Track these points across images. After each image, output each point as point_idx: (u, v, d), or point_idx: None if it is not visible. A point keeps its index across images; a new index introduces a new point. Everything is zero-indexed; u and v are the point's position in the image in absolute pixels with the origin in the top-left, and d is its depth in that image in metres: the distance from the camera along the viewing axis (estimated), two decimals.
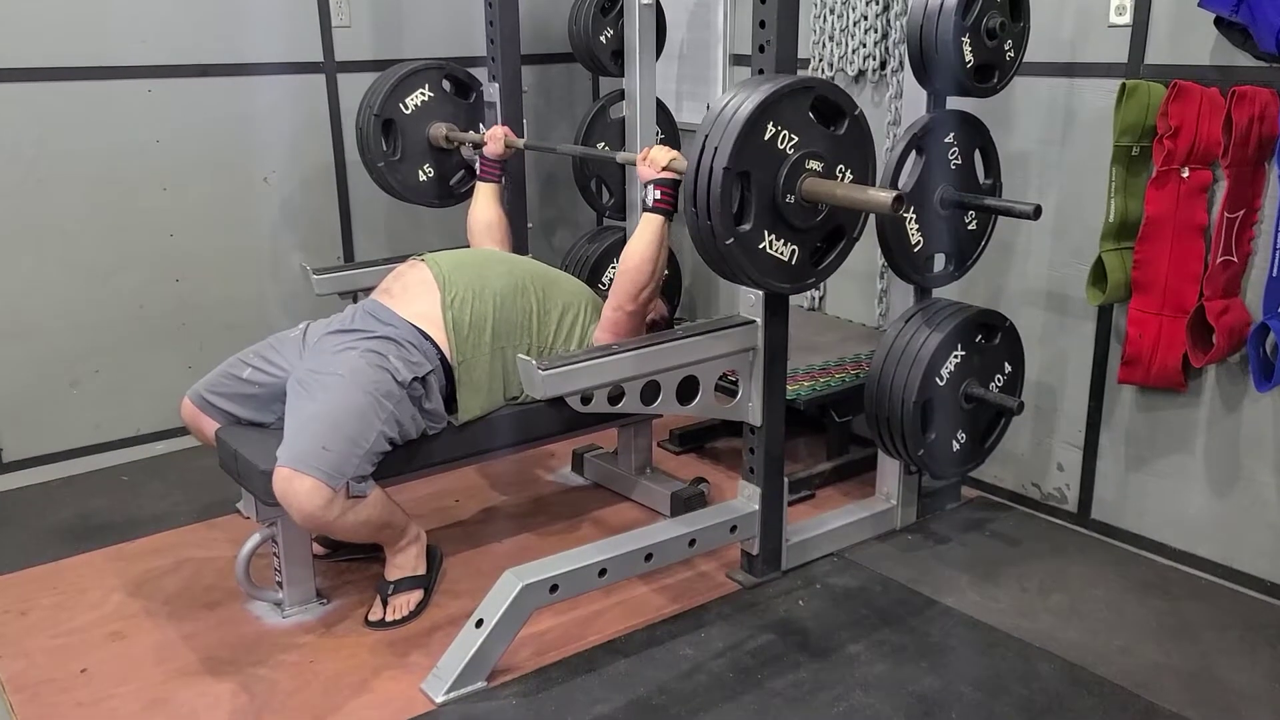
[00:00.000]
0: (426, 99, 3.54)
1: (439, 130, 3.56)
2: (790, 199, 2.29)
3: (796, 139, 2.28)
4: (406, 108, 3.52)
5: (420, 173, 3.60)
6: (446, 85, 3.61)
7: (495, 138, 3.34)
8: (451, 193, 3.68)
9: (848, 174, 2.39)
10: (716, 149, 2.20)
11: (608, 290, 2.83)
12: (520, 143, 3.34)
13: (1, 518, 3.17)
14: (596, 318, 2.85)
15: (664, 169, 2.65)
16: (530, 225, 3.78)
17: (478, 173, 3.39)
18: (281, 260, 3.80)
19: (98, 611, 2.67)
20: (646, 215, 2.69)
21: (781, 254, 2.35)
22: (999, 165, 2.79)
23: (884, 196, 2.19)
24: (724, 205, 2.21)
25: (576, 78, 4.40)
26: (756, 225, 2.28)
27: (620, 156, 2.90)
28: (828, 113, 2.36)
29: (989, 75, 2.63)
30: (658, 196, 2.65)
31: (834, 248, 2.45)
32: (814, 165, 2.31)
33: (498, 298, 2.71)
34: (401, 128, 3.53)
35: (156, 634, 2.57)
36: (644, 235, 2.69)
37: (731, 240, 2.24)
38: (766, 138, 2.24)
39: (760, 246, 2.31)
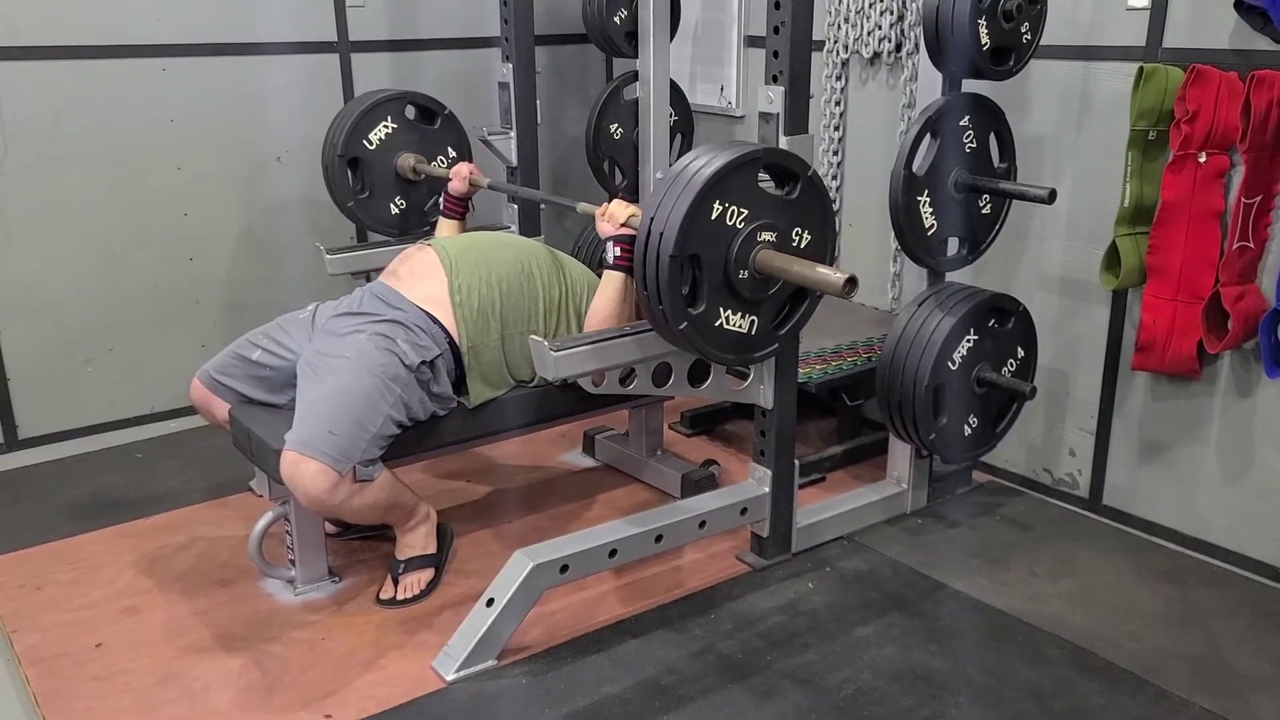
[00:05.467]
0: (390, 131, 3.41)
1: (406, 161, 3.42)
2: (743, 274, 2.25)
3: (746, 212, 2.22)
4: (371, 143, 3.38)
5: (391, 206, 3.47)
6: (410, 113, 3.47)
7: (460, 175, 3.22)
8: (424, 221, 3.55)
9: (805, 236, 2.33)
10: (662, 235, 2.14)
11: None
12: (485, 181, 3.21)
13: (17, 494, 3.19)
14: None
15: (622, 225, 2.56)
16: (543, 207, 3.77)
17: (441, 208, 3.28)
18: (294, 240, 3.81)
19: (112, 587, 2.69)
20: (607, 273, 2.62)
21: (740, 327, 2.32)
22: (1014, 149, 2.77)
23: (836, 278, 2.14)
24: (673, 291, 2.16)
25: (590, 59, 4.39)
26: (710, 305, 2.24)
27: (580, 208, 2.78)
28: (780, 176, 2.30)
29: (1005, 58, 2.61)
30: (617, 254, 2.56)
31: (797, 309, 2.41)
32: (767, 236, 2.25)
33: (504, 283, 2.70)
34: (368, 164, 3.38)
35: (170, 610, 2.59)
36: (605, 292, 2.63)
37: (685, 325, 2.20)
38: (714, 217, 2.18)
39: (716, 324, 2.27)
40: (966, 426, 2.81)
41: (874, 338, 3.36)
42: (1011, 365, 2.83)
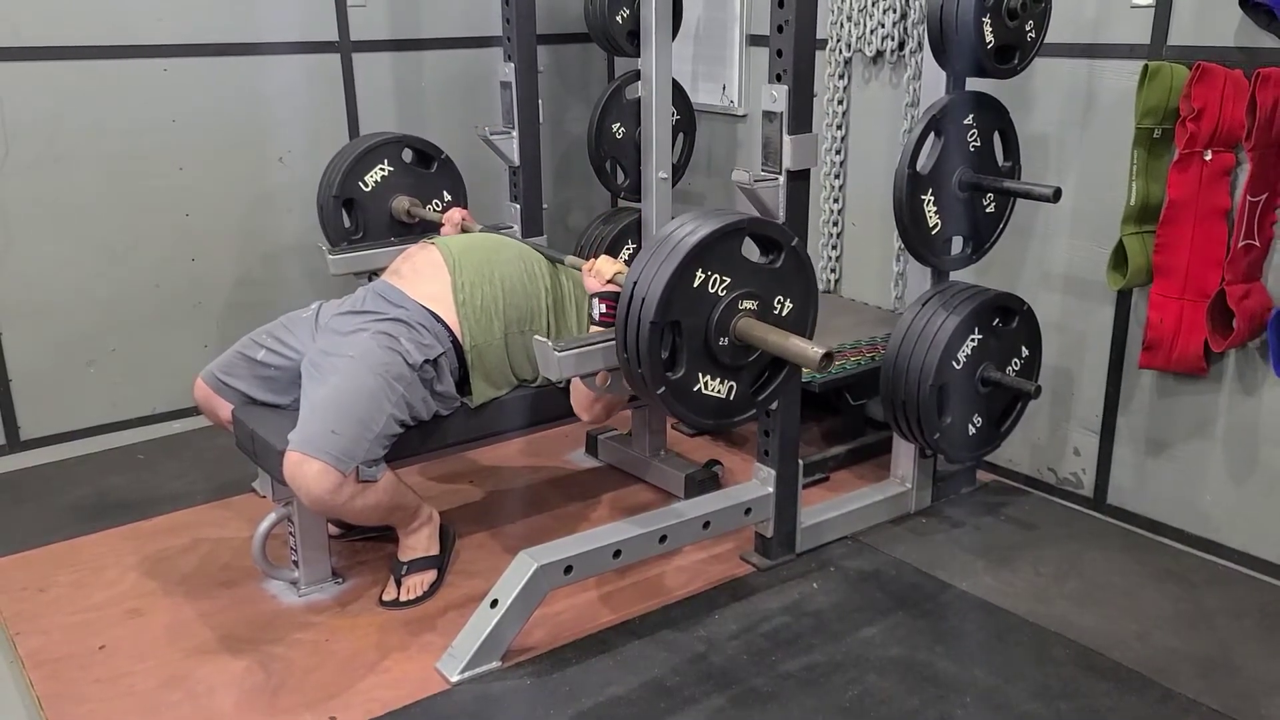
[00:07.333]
0: (386, 174, 3.43)
1: (401, 204, 3.45)
2: (723, 341, 2.25)
3: (729, 280, 2.22)
4: (366, 185, 3.41)
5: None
6: (407, 156, 3.50)
7: (452, 221, 3.23)
8: None
9: (786, 304, 2.33)
10: (644, 300, 2.15)
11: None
12: (477, 228, 3.20)
13: (20, 495, 3.19)
14: None
15: (608, 281, 2.55)
16: (545, 207, 3.76)
17: None
18: (296, 240, 3.80)
19: (115, 589, 2.68)
20: (593, 329, 2.59)
21: (719, 393, 2.31)
22: (1018, 147, 2.77)
23: (813, 352, 2.14)
24: (653, 356, 2.16)
25: (592, 58, 4.38)
26: (690, 370, 2.24)
27: (568, 260, 2.79)
28: (764, 245, 2.31)
29: (1009, 56, 2.61)
30: (603, 310, 2.53)
31: (776, 377, 2.41)
32: (748, 305, 2.25)
33: (506, 282, 2.70)
34: (362, 205, 3.42)
35: (173, 612, 2.59)
36: None
37: (663, 389, 2.20)
38: (696, 284, 2.18)
39: (695, 389, 2.27)
40: (971, 426, 2.80)
41: (877, 337, 3.35)
42: (1016, 364, 2.82)
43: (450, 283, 2.66)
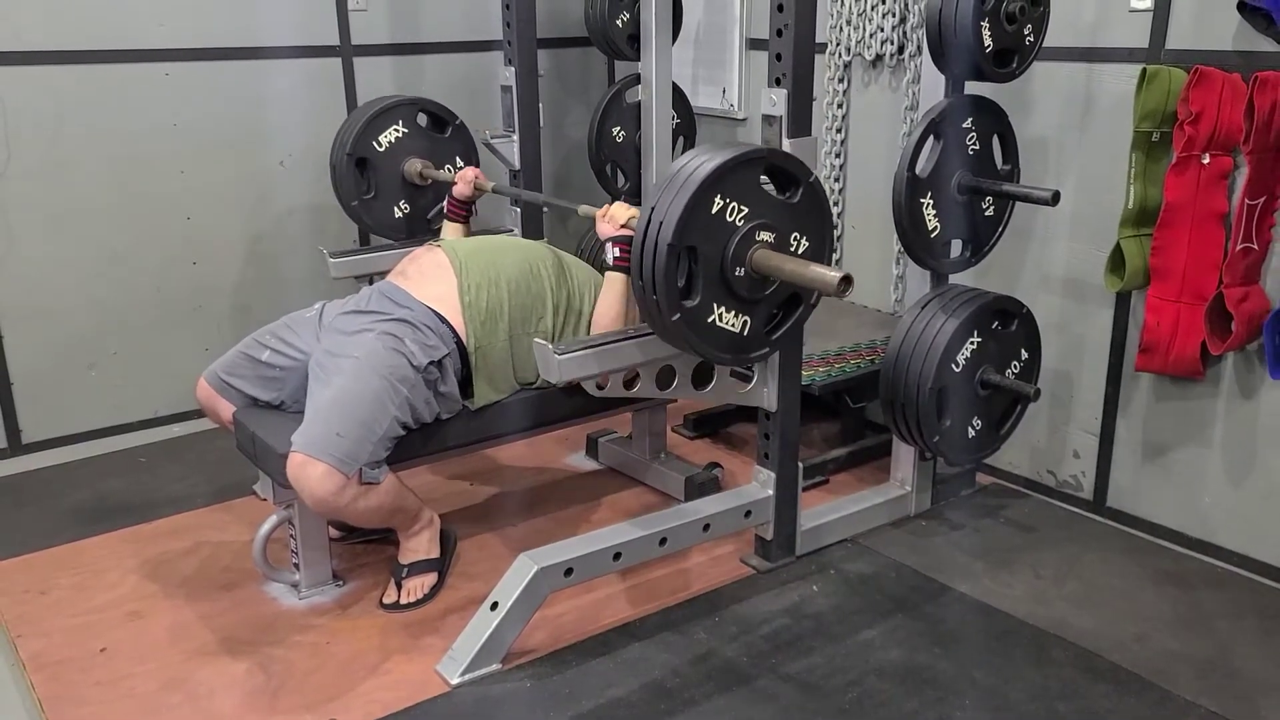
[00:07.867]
0: (400, 135, 3.45)
1: (413, 166, 3.46)
2: (740, 271, 2.25)
3: (746, 210, 2.23)
4: (380, 145, 3.42)
5: (395, 209, 3.50)
6: (421, 120, 3.51)
7: (465, 179, 3.23)
8: (428, 227, 3.57)
9: (803, 242, 2.33)
10: (662, 223, 2.15)
11: None
12: (489, 186, 3.23)
13: (21, 498, 3.19)
14: None
15: (622, 226, 2.57)
16: (545, 210, 3.77)
17: (445, 211, 3.29)
18: (297, 243, 3.81)
19: (116, 592, 2.69)
20: (609, 275, 2.64)
21: (732, 325, 2.31)
22: (1017, 151, 2.77)
23: (830, 276, 2.14)
24: (668, 281, 2.16)
25: (592, 62, 4.39)
26: (705, 299, 2.24)
27: (581, 210, 2.81)
28: (782, 180, 2.31)
29: (1008, 60, 2.61)
30: (617, 255, 2.57)
31: (791, 315, 2.42)
32: (765, 236, 2.26)
33: (511, 284, 2.71)
34: (375, 165, 3.43)
35: (174, 614, 2.59)
36: (608, 295, 2.66)
37: (677, 316, 2.20)
38: (714, 211, 2.19)
39: (709, 320, 2.27)
40: (970, 429, 2.81)
41: (877, 340, 3.35)
42: (1015, 367, 2.83)
43: (456, 284, 2.66)
